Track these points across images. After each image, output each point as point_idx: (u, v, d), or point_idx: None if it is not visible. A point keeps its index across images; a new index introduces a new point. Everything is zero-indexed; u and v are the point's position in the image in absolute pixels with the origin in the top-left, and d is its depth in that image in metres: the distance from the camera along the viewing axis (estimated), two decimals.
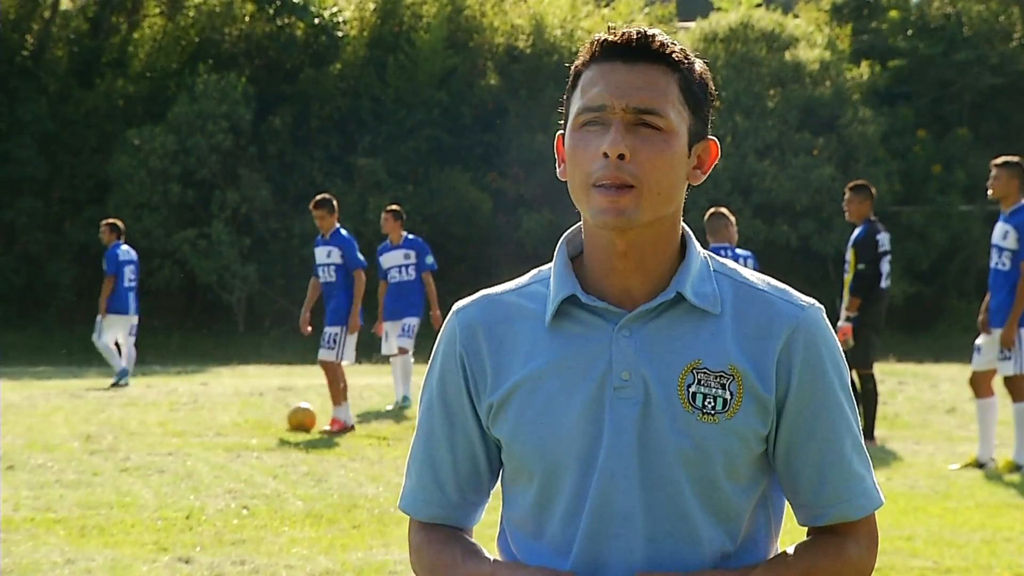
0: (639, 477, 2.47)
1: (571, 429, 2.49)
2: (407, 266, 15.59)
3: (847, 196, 13.09)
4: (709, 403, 2.47)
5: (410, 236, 15.80)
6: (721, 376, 2.47)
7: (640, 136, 2.44)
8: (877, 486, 2.58)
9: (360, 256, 14.02)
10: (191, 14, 30.84)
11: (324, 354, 13.91)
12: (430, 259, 15.66)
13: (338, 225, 14.09)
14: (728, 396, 2.47)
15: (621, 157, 2.42)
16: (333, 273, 13.91)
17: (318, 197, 14.27)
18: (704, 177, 2.54)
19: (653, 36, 2.47)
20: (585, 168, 2.46)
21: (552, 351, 2.51)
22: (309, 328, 14.31)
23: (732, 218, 12.75)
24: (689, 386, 2.47)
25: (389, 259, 15.67)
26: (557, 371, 2.50)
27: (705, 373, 2.47)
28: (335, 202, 14.22)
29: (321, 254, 14.03)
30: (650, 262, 2.51)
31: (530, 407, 2.51)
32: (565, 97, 2.56)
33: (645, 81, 2.45)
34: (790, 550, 2.54)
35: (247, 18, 30.75)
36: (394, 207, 16.27)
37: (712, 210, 12.78)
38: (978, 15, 31.58)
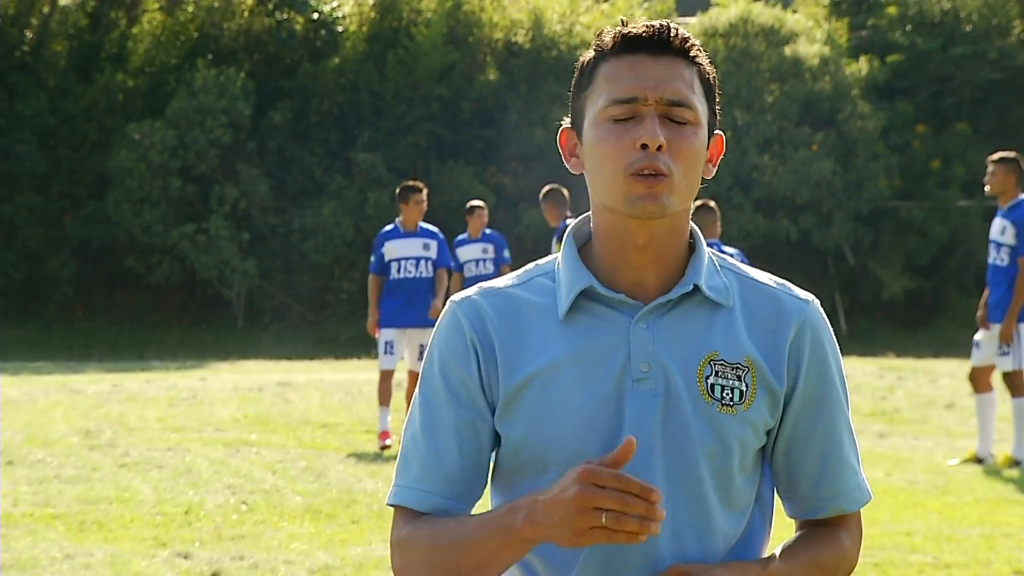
0: (663, 470, 2.47)
1: (590, 421, 2.48)
2: (484, 260, 15.56)
3: (546, 203, 14.01)
4: (727, 394, 2.48)
5: (488, 231, 15.73)
6: (738, 368, 2.49)
7: (671, 128, 2.46)
8: (865, 479, 2.62)
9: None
10: (190, 9, 30.81)
11: None
12: (507, 253, 15.61)
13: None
14: (744, 388, 2.49)
15: (659, 148, 2.44)
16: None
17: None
18: (714, 170, 2.56)
19: (676, 30, 2.49)
20: (620, 159, 2.45)
21: (567, 343, 2.50)
22: None
23: (717, 212, 12.55)
24: (707, 377, 2.48)
25: (466, 252, 15.62)
26: (573, 363, 2.49)
27: (722, 365, 2.49)
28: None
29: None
30: (665, 256, 2.52)
31: (546, 399, 2.49)
32: (575, 91, 2.55)
33: (674, 73, 2.47)
34: (795, 541, 2.57)
35: (246, 13, 30.73)
36: (476, 202, 16.20)
37: (699, 203, 12.22)
38: (976, 10, 31.56)
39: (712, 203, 12.35)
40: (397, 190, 13.43)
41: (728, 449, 2.47)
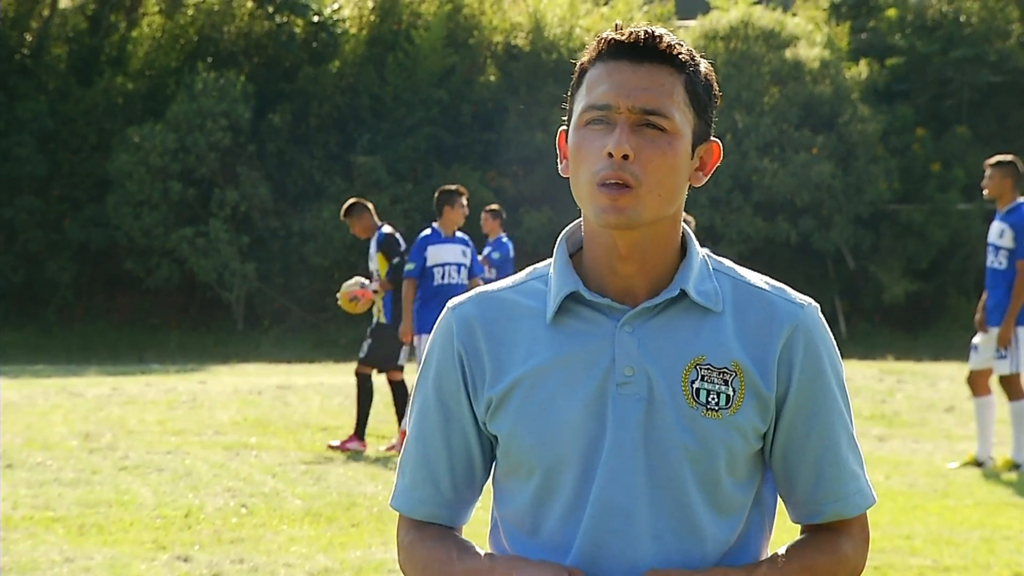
0: (644, 474, 2.47)
1: (573, 425, 2.49)
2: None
3: (351, 218, 13.25)
4: (713, 399, 2.47)
5: (504, 239, 16.49)
6: (724, 372, 2.48)
7: (644, 137, 2.45)
8: (870, 484, 2.61)
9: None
10: (190, 12, 30.83)
11: None
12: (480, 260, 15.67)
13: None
14: (731, 392, 2.48)
15: (625, 157, 2.43)
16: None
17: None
18: (706, 179, 2.55)
19: (661, 36, 2.47)
20: (590, 167, 2.46)
21: (553, 347, 2.51)
22: None
23: (692, 222, 13.34)
24: (693, 382, 2.48)
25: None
26: (559, 367, 2.50)
27: (708, 369, 2.48)
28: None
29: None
30: (651, 262, 2.51)
31: (531, 403, 2.50)
32: (570, 93, 2.56)
33: (651, 82, 2.45)
34: (789, 547, 2.56)
35: (246, 16, 30.74)
36: (493, 207, 16.80)
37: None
38: (976, 13, 31.57)
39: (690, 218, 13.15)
40: (437, 193, 12.95)
41: (712, 454, 2.47)
